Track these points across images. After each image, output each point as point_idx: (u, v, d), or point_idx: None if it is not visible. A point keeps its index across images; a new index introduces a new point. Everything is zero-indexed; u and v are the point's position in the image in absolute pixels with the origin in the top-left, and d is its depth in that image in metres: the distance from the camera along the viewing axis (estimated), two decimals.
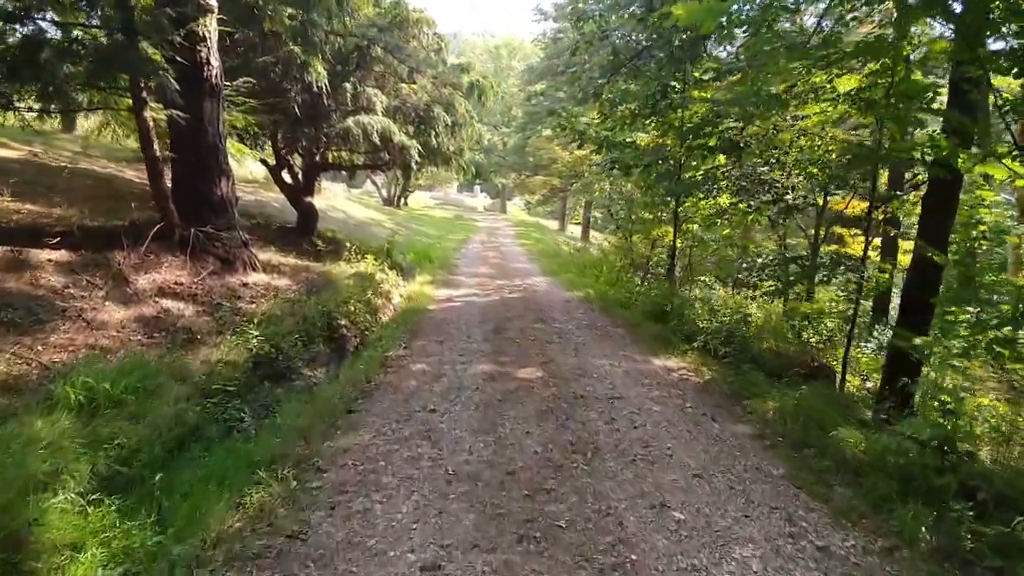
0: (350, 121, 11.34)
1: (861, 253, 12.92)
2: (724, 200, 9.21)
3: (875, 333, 10.22)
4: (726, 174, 8.32)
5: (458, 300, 10.31)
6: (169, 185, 8.04)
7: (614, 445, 4.17)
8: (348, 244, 13.15)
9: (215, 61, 7.93)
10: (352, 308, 8.23)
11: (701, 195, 8.71)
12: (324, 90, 10.95)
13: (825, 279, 7.77)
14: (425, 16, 12.54)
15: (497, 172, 40.35)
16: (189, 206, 7.90)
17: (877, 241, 12.80)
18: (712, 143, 8.48)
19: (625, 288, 10.49)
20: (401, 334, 7.62)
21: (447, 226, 28.34)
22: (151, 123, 7.34)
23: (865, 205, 12.25)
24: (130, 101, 7.30)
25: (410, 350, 6.76)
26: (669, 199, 9.80)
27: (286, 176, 14.00)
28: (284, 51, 10.67)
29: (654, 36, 8.70)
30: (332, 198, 22.74)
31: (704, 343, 6.59)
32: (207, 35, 7.76)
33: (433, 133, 12.68)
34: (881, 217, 9.72)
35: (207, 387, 4.93)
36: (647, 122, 9.57)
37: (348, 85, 11.57)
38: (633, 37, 9.28)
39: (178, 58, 7.17)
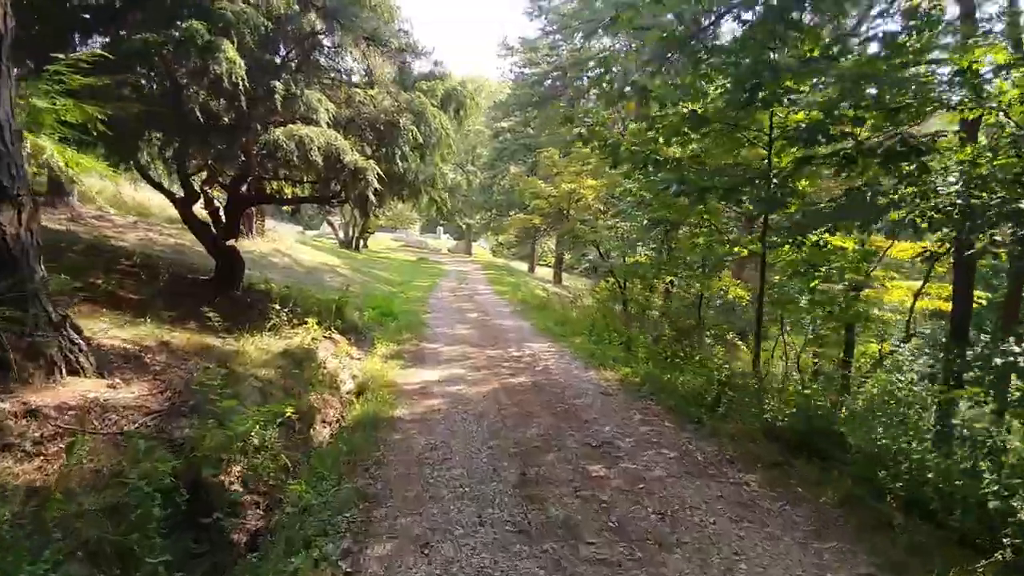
0: (279, 132, 7.47)
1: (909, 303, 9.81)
2: (844, 241, 5.73)
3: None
4: (894, 195, 4.80)
5: (438, 393, 6.40)
6: None
7: None
8: (284, 301, 9.10)
9: None
10: (257, 439, 4.21)
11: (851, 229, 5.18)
12: (242, 87, 7.09)
13: None
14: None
15: (462, 212, 36.84)
16: None
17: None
18: (846, 149, 5.02)
19: (691, 369, 6.77)
20: (344, 500, 3.66)
21: (411, 270, 24.35)
22: None
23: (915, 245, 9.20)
24: None
25: None
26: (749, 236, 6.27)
27: (201, 212, 9.97)
28: (181, 27, 6.82)
29: None
30: (278, 241, 18.49)
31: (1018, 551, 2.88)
32: None
33: (399, 153, 8.90)
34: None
35: None
36: (720, 127, 6.10)
37: (278, 83, 7.71)
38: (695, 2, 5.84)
39: None
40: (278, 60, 8.77)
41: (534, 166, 24.26)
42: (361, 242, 30.45)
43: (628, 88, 6.58)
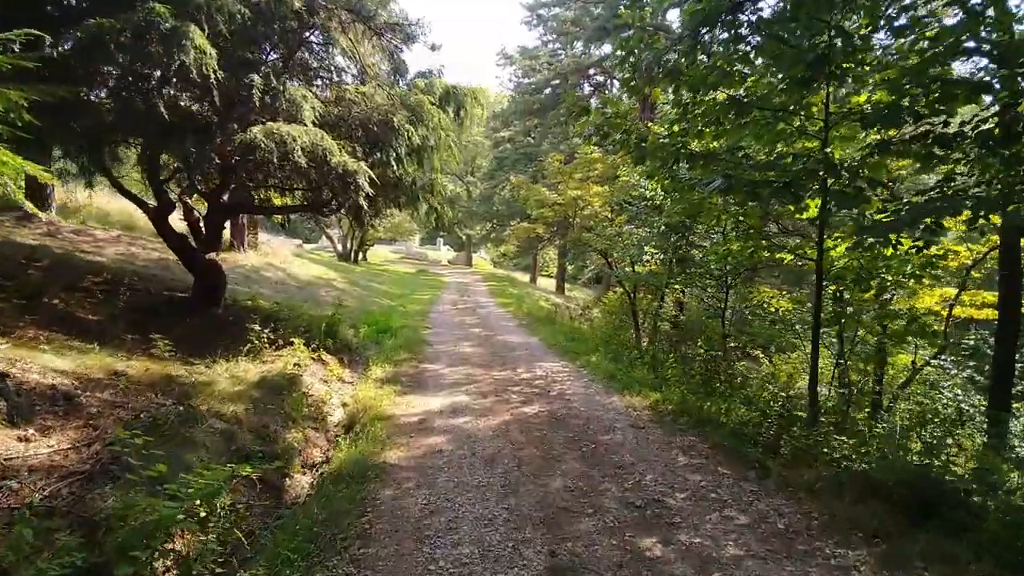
0: (256, 131, 6.48)
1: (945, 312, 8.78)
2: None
3: None
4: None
5: (440, 428, 5.37)
6: None
7: None
8: (269, 320, 8.13)
9: None
10: (204, 509, 3.16)
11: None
12: (214, 80, 6.15)
13: None
14: None
15: (463, 223, 35.89)
16: None
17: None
18: (937, 131, 4.04)
19: (731, 393, 5.73)
20: None
21: (411, 283, 23.34)
22: None
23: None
24: None
25: None
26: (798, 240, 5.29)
27: (178, 223, 9.01)
28: (141, 12, 5.85)
29: None
30: (271, 254, 17.47)
31: None
32: None
33: (393, 156, 7.92)
34: None
35: None
36: (761, 115, 5.14)
37: (257, 77, 6.77)
38: None
39: None
40: (262, 57, 7.86)
41: (536, 175, 23.37)
42: (360, 255, 29.46)
43: (658, 70, 5.60)
